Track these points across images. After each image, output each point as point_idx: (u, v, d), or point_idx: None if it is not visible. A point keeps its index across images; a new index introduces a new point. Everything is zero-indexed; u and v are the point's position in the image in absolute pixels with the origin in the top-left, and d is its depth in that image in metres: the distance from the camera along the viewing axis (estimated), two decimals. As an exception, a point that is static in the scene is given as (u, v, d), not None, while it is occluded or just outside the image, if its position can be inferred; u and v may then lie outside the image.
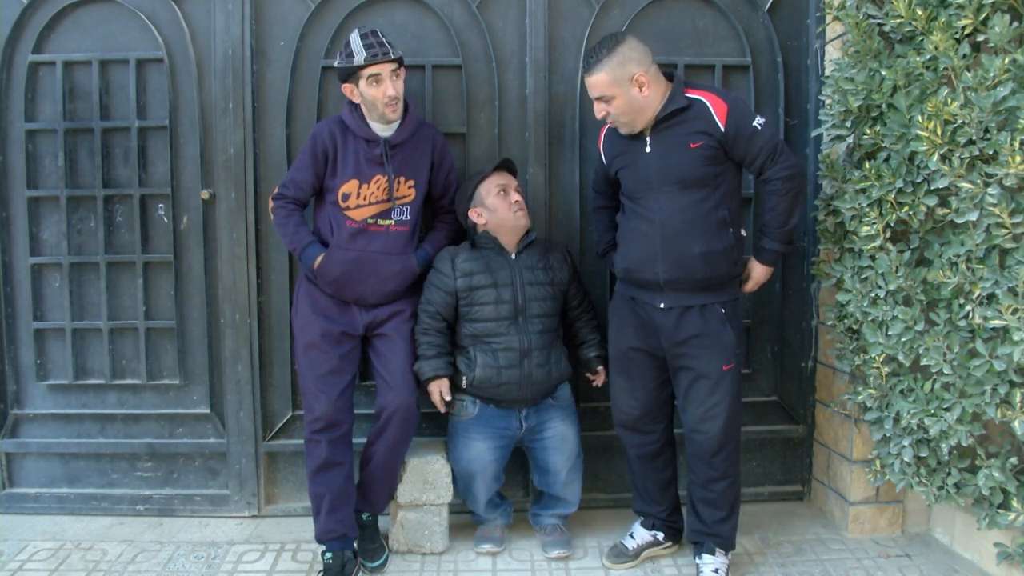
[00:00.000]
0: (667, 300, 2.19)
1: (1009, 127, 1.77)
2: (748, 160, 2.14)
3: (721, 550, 2.29)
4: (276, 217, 2.38)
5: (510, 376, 2.35)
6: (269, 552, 2.52)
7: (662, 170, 2.15)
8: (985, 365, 1.89)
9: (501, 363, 2.34)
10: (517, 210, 2.38)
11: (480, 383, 2.35)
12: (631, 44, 2.08)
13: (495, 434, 2.42)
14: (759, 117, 2.12)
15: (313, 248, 2.33)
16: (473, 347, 2.37)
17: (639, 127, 2.15)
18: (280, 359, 2.74)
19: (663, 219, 2.15)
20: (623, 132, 2.20)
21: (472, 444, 2.42)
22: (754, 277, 2.30)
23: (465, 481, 2.48)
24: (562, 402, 2.51)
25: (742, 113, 2.11)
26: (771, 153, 2.11)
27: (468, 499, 2.53)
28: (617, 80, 2.06)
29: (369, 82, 2.23)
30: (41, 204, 2.72)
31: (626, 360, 2.34)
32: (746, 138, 2.10)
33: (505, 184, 2.39)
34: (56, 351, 2.77)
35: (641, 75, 2.07)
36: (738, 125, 2.09)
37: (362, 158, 2.33)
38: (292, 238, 2.35)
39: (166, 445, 2.77)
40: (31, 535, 2.63)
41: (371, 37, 2.24)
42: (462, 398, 2.42)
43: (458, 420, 2.45)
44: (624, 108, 2.11)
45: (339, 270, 2.31)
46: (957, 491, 2.13)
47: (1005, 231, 1.81)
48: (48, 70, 2.66)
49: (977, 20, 1.89)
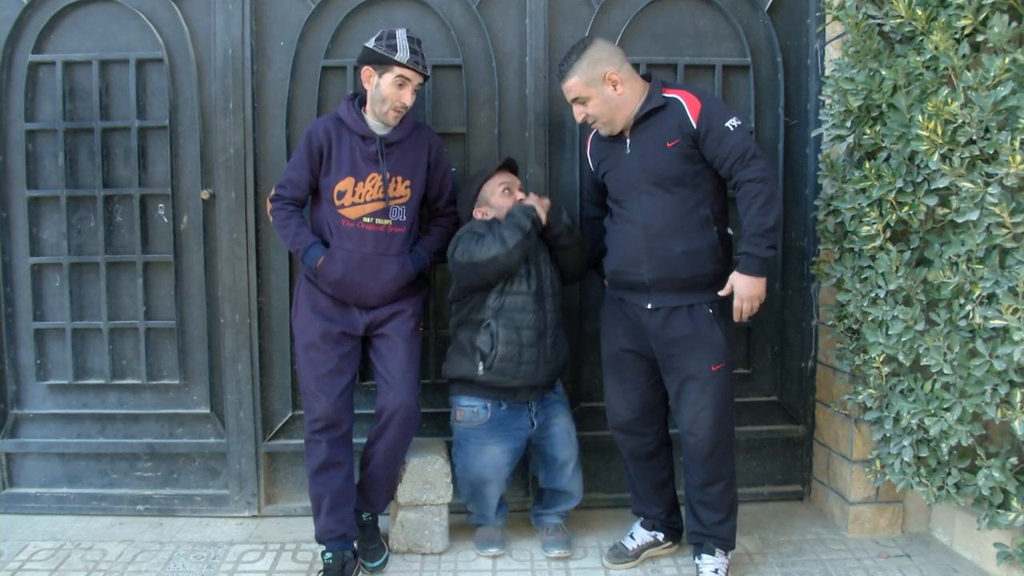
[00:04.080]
0: (654, 301, 2.19)
1: (1009, 127, 1.77)
2: (719, 161, 2.09)
3: (721, 550, 2.28)
4: (276, 219, 2.38)
5: (531, 355, 2.34)
6: (269, 552, 2.52)
7: (642, 170, 2.16)
8: (985, 365, 1.89)
9: (524, 340, 2.34)
10: None
11: (502, 361, 2.31)
12: (599, 45, 2.14)
13: (509, 436, 2.42)
14: (734, 119, 2.08)
15: (315, 250, 2.33)
16: (495, 320, 2.32)
17: (618, 126, 2.17)
18: (280, 359, 2.74)
19: (646, 220, 2.16)
20: (604, 133, 2.21)
21: (486, 449, 2.40)
22: (737, 291, 2.10)
23: (475, 487, 2.46)
24: (561, 396, 2.56)
25: (715, 111, 2.09)
26: (741, 156, 2.05)
27: (477, 505, 2.51)
28: (590, 81, 2.11)
29: (396, 81, 2.24)
30: (41, 204, 2.72)
31: (618, 361, 2.34)
32: (717, 137, 2.07)
33: (509, 183, 2.41)
34: (56, 351, 2.77)
35: (613, 73, 2.10)
36: (709, 123, 2.07)
37: (358, 155, 2.32)
38: (294, 240, 2.35)
39: (166, 445, 2.77)
40: (31, 535, 2.63)
41: (416, 44, 2.27)
42: (472, 403, 2.41)
43: (468, 427, 2.42)
44: (601, 107, 2.13)
45: (340, 271, 2.31)
46: (957, 491, 2.13)
47: (1005, 231, 1.81)
48: (48, 70, 2.66)
49: (977, 20, 1.88)
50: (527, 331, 2.34)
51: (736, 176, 2.08)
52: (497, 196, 2.39)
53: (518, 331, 2.34)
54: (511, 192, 2.40)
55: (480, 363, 2.35)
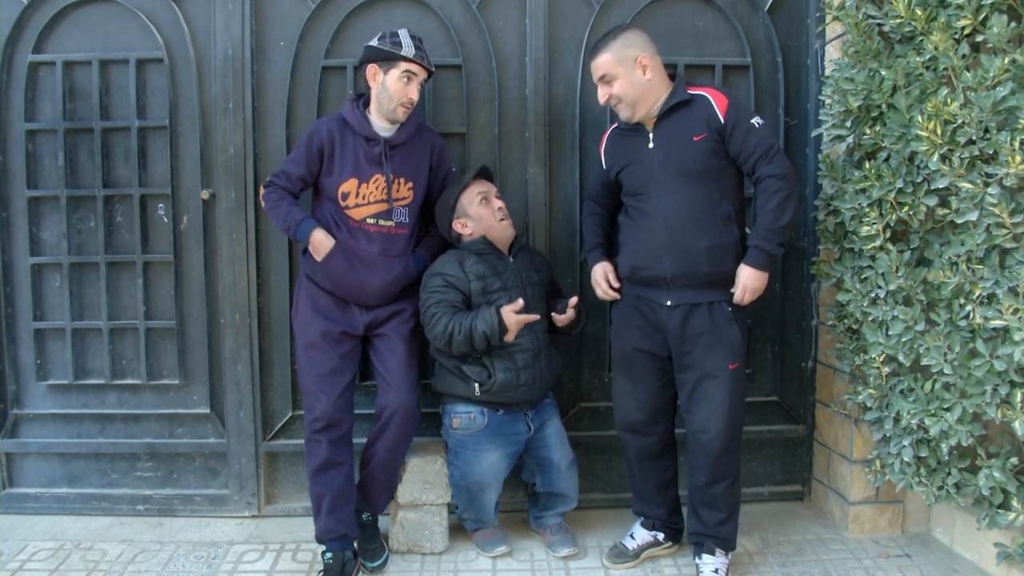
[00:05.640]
0: (674, 297, 2.19)
1: (1009, 127, 1.77)
2: (743, 156, 2.13)
3: (721, 550, 2.28)
4: (267, 202, 2.35)
5: (527, 377, 2.36)
6: (269, 552, 2.52)
7: (665, 164, 2.16)
8: (985, 365, 1.89)
9: (520, 364, 2.35)
10: (501, 217, 2.41)
11: (500, 388, 2.33)
12: (636, 31, 2.19)
13: (507, 441, 2.42)
14: (758, 118, 2.14)
15: (307, 224, 2.30)
16: (486, 355, 2.34)
17: (639, 113, 2.17)
18: (280, 359, 2.74)
19: (668, 214, 2.16)
20: (624, 117, 2.20)
21: (484, 455, 2.40)
22: (742, 281, 2.14)
23: (473, 494, 2.45)
24: (552, 400, 2.58)
25: (741, 108, 2.14)
26: (765, 152, 2.11)
27: (474, 510, 2.50)
28: (621, 60, 2.13)
29: (402, 77, 2.25)
30: (41, 204, 2.72)
31: (630, 361, 2.34)
32: (743, 132, 2.11)
33: (486, 192, 2.41)
34: (56, 351, 2.77)
35: (645, 57, 2.13)
36: (737, 119, 2.11)
37: (361, 157, 2.33)
38: (285, 218, 2.31)
39: (166, 445, 2.77)
40: (31, 535, 2.63)
41: (419, 41, 2.29)
42: (469, 410, 2.40)
43: (466, 434, 2.41)
44: (627, 88, 2.14)
45: (343, 266, 2.31)
46: (957, 491, 2.13)
47: (1005, 231, 1.81)
48: (48, 70, 2.66)
49: (976, 20, 1.89)
50: (522, 355, 2.35)
51: (758, 171, 2.12)
52: (475, 206, 2.39)
53: (512, 357, 2.34)
54: (488, 201, 2.40)
55: (477, 386, 2.35)
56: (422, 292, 2.34)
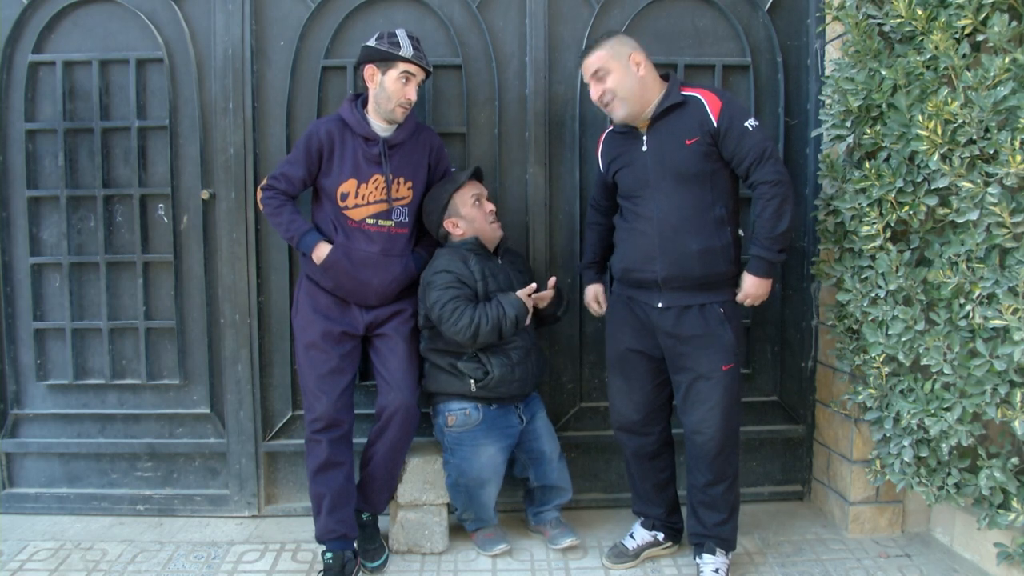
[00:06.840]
0: (665, 299, 2.19)
1: (1009, 126, 1.77)
2: (736, 160, 2.13)
3: (721, 550, 2.28)
4: (267, 208, 2.36)
5: (522, 372, 2.40)
6: (269, 552, 2.52)
7: (659, 166, 2.16)
8: (985, 365, 1.89)
9: (515, 360, 2.38)
10: (492, 220, 2.43)
11: (497, 383, 2.36)
12: (628, 37, 2.22)
13: (502, 434, 2.43)
14: (753, 120, 2.12)
15: (311, 236, 2.32)
16: (483, 352, 2.36)
17: (633, 112, 2.16)
18: (280, 359, 2.74)
19: (661, 216, 2.16)
20: (618, 115, 2.18)
21: (482, 450, 2.40)
22: (745, 288, 2.19)
23: (472, 491, 2.44)
24: (537, 394, 2.63)
25: (735, 111, 2.12)
26: (759, 156, 2.09)
27: (474, 509, 2.49)
28: (615, 55, 2.14)
29: (400, 77, 2.25)
30: (41, 204, 2.72)
31: (624, 362, 2.34)
32: (736, 135, 2.10)
33: (479, 194, 2.43)
34: (56, 351, 2.77)
35: (637, 55, 2.15)
36: (730, 122, 2.10)
37: (360, 157, 2.32)
38: (288, 227, 2.33)
39: (166, 445, 2.77)
40: (31, 535, 2.63)
41: (417, 41, 2.30)
42: (464, 406, 2.41)
43: (462, 430, 2.41)
44: (620, 83, 2.13)
45: (344, 267, 2.31)
46: (957, 491, 2.13)
47: (1005, 231, 1.81)
48: (48, 70, 2.67)
49: (977, 20, 1.88)
50: (515, 351, 2.39)
51: (752, 176, 2.11)
52: (468, 207, 2.40)
53: (507, 353, 2.38)
54: (481, 203, 2.42)
55: (472, 382, 2.37)
56: (431, 289, 2.33)
